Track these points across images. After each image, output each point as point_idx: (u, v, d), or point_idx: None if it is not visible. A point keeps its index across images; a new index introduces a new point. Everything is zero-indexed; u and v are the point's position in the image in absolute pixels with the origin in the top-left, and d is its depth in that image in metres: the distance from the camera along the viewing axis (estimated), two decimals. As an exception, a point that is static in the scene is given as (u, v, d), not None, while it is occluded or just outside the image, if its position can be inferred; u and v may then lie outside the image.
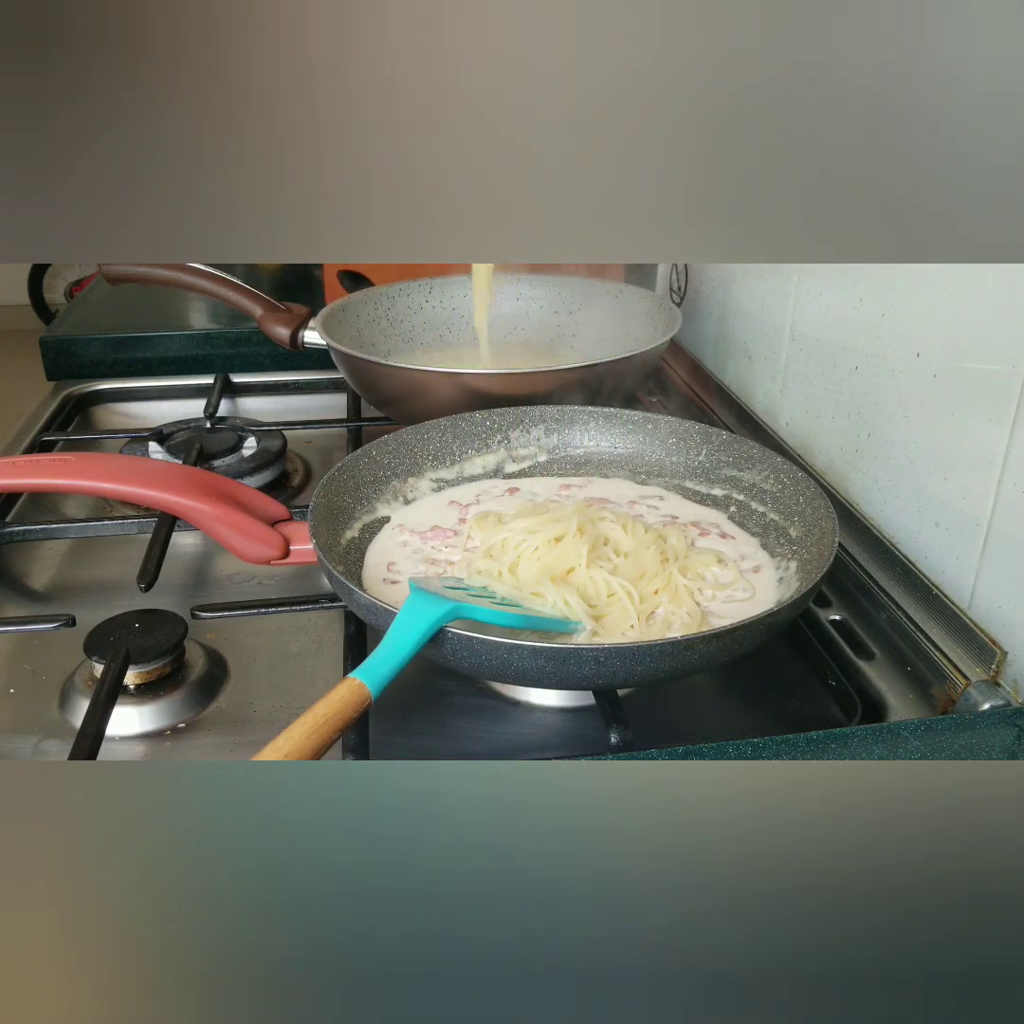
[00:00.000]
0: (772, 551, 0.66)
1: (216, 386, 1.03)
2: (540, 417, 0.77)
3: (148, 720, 0.59)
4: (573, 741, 0.58)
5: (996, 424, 0.58)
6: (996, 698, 0.56)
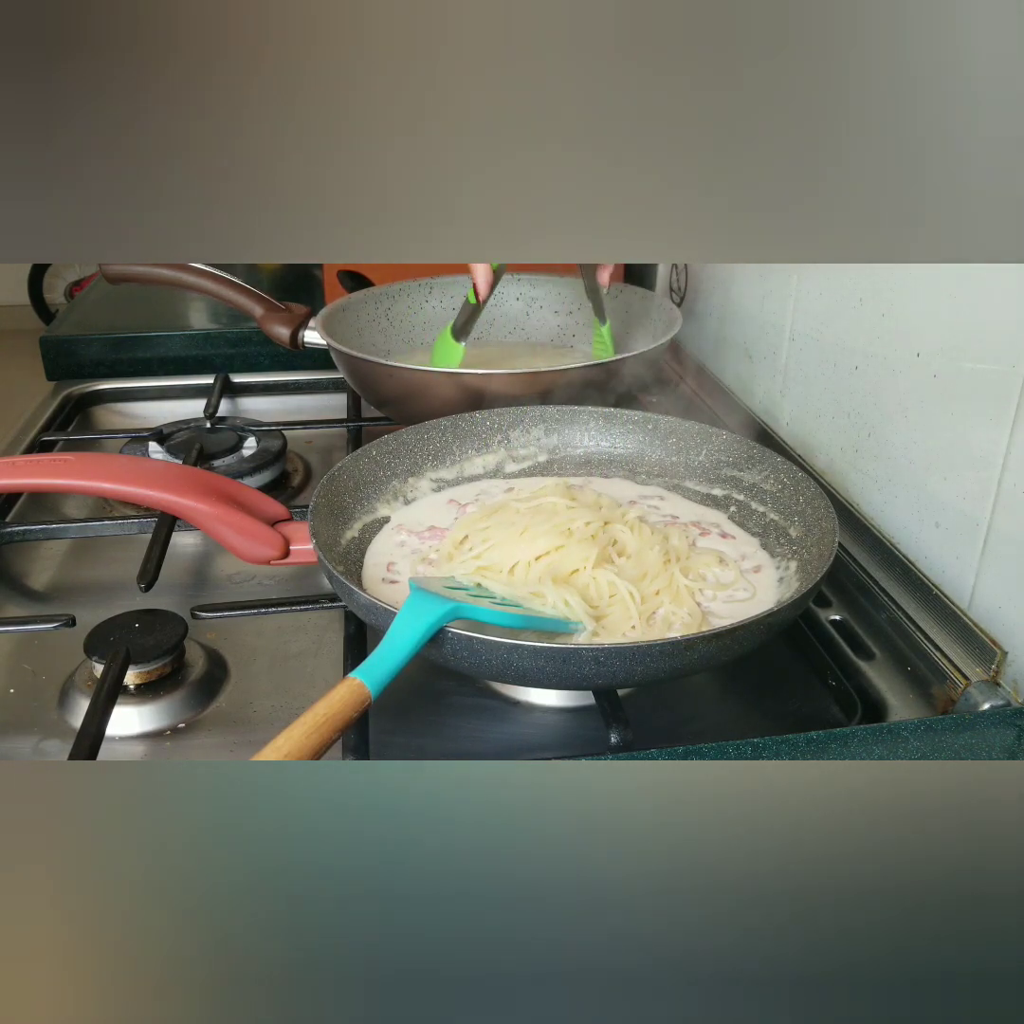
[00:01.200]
0: (772, 551, 0.66)
1: (216, 386, 1.03)
2: (540, 417, 0.77)
3: (148, 720, 0.59)
4: (573, 741, 0.58)
5: (996, 424, 0.58)
6: (996, 698, 0.56)
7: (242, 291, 0.95)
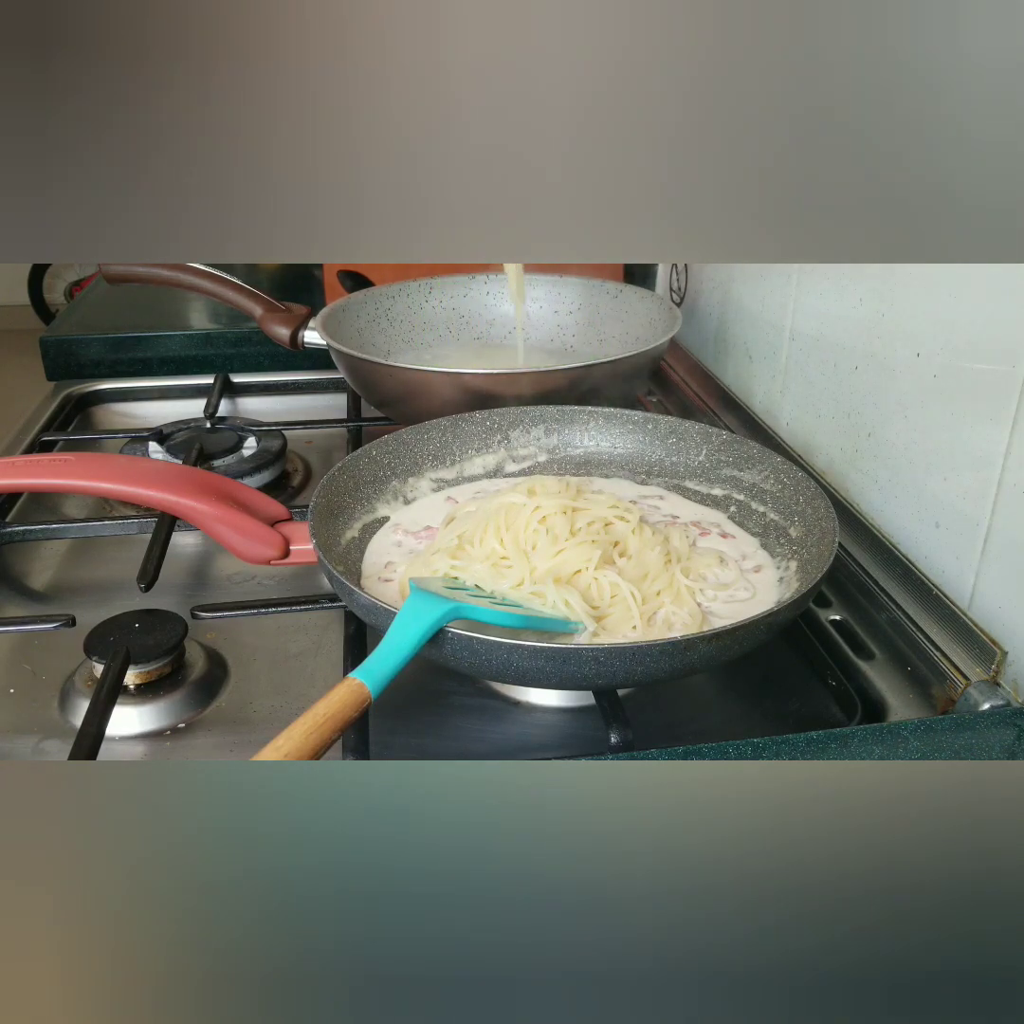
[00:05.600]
0: (772, 551, 0.66)
1: (216, 386, 1.03)
2: (540, 417, 0.77)
3: (148, 720, 0.59)
4: (573, 741, 0.58)
5: (996, 424, 0.58)
6: (996, 698, 0.56)
7: (242, 291, 0.95)
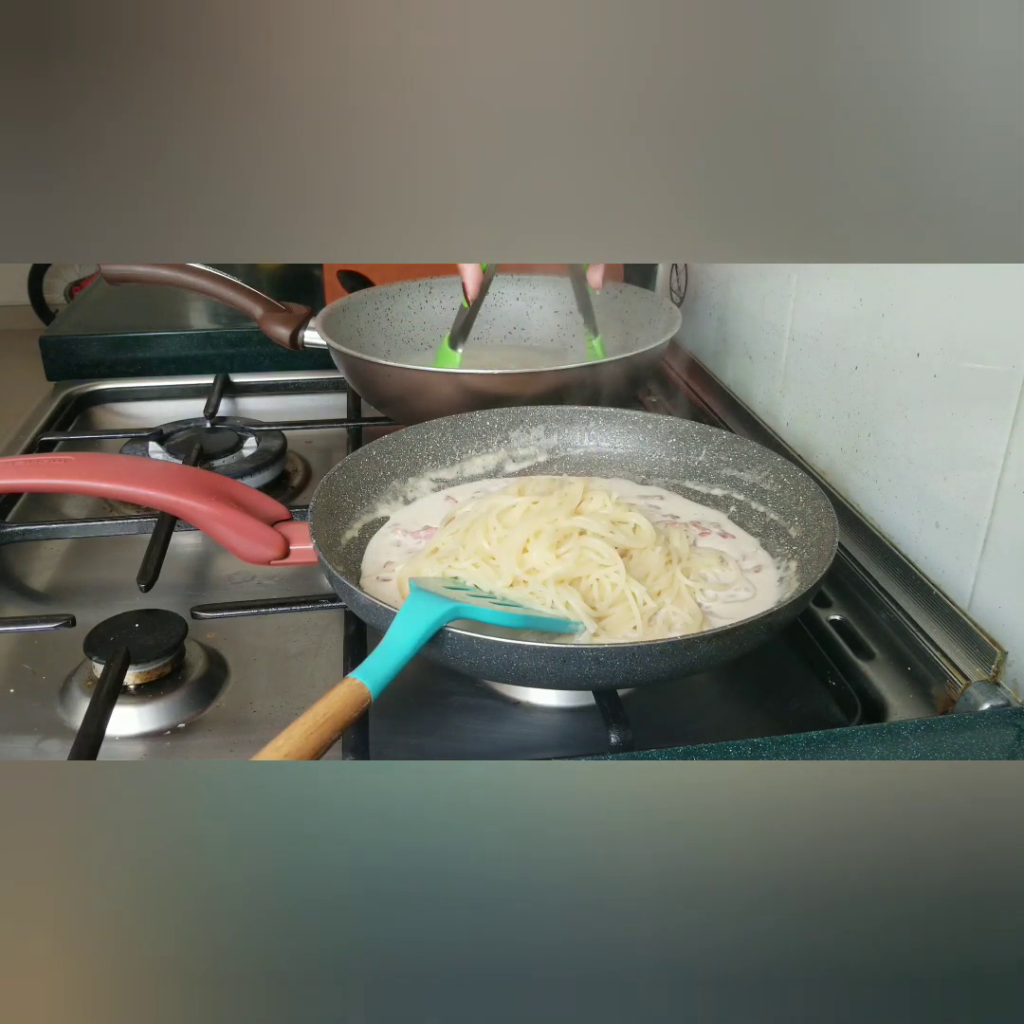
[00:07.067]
0: (772, 551, 0.66)
1: (216, 386, 1.03)
2: (540, 417, 0.77)
3: (148, 720, 0.59)
4: (573, 741, 0.58)
5: (996, 424, 0.58)
6: (996, 698, 0.56)
7: (242, 291, 0.95)
